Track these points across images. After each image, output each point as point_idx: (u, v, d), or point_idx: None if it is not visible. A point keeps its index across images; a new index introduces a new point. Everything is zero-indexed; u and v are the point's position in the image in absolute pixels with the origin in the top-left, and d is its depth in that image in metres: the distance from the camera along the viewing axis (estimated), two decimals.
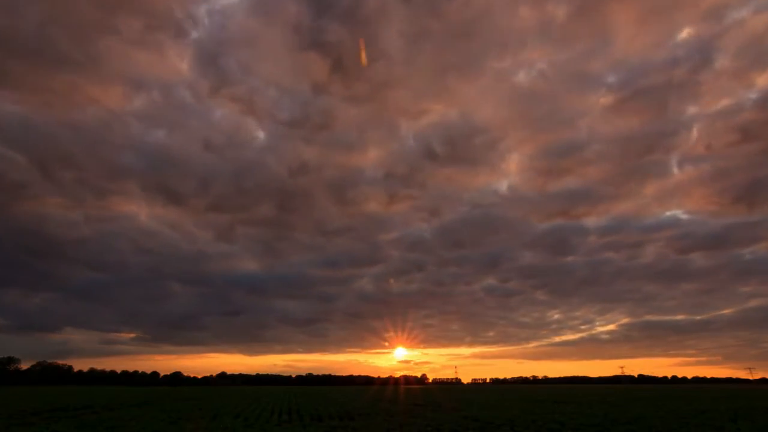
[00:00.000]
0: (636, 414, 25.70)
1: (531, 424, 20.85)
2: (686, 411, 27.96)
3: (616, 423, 21.13)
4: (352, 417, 24.40)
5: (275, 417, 24.80)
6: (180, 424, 20.87)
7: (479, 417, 24.12)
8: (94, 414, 26.61)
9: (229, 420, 22.90)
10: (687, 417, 23.90)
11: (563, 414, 26.14)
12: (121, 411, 29.09)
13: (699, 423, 21.02)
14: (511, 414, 26.16)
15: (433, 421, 22.29)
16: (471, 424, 20.91)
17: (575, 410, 28.96)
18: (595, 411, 28.10)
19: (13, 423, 21.44)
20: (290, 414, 26.67)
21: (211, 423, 21.59)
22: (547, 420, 22.49)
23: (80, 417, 24.51)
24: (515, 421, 22.12)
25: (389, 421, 22.37)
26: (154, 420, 22.92)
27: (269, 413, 27.32)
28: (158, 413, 27.18)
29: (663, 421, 21.93)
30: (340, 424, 20.78)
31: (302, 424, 20.87)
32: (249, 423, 21.60)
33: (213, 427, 20.03)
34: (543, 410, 29.23)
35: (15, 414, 26.12)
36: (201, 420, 23.01)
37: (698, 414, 25.76)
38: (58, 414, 26.21)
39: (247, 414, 26.63)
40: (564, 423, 21.16)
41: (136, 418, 24.14)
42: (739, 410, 28.32)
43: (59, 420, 22.67)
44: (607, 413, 26.32)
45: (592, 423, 21.20)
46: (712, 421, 21.92)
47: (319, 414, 26.35)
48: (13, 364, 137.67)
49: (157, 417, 24.58)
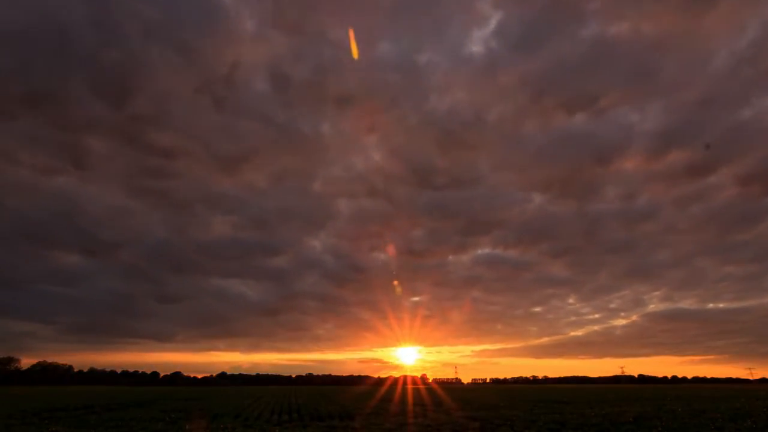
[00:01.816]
0: (636, 414, 25.70)
1: (531, 424, 20.86)
2: (686, 411, 27.97)
3: (616, 423, 21.13)
4: (352, 417, 24.41)
5: (275, 417, 24.80)
6: (180, 424, 20.86)
7: (479, 417, 24.12)
8: (94, 414, 26.61)
9: (229, 420, 22.89)
10: (687, 417, 23.90)
11: (563, 414, 26.15)
12: (121, 411, 29.09)
13: (699, 423, 21.02)
14: (512, 414, 26.16)
15: (434, 420, 22.30)
16: (471, 423, 20.91)
17: (575, 410, 28.96)
18: (595, 411, 28.10)
19: (13, 423, 21.43)
20: (290, 414, 26.67)
21: (211, 423, 21.59)
22: (548, 420, 22.49)
23: (80, 417, 24.50)
24: (515, 421, 22.12)
25: (389, 420, 22.37)
26: (154, 420, 22.91)
27: (269, 413, 27.32)
28: (158, 413, 27.19)
29: (663, 421, 21.92)
30: (340, 424, 20.78)
31: (302, 424, 20.87)
32: (249, 423, 21.59)
33: (213, 427, 20.02)
34: (543, 410, 29.24)
35: (15, 414, 26.12)
36: (201, 420, 23.01)
37: (698, 414, 25.76)
38: (58, 414, 26.21)
39: (247, 414, 26.63)
40: (564, 423, 21.16)
41: (136, 418, 24.13)
42: (739, 410, 28.32)
43: (59, 420, 22.66)
44: (607, 413, 26.32)
45: (592, 423, 21.20)
46: (712, 421, 21.91)
47: (319, 413, 26.35)
48: (13, 364, 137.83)
49: (157, 417, 24.58)
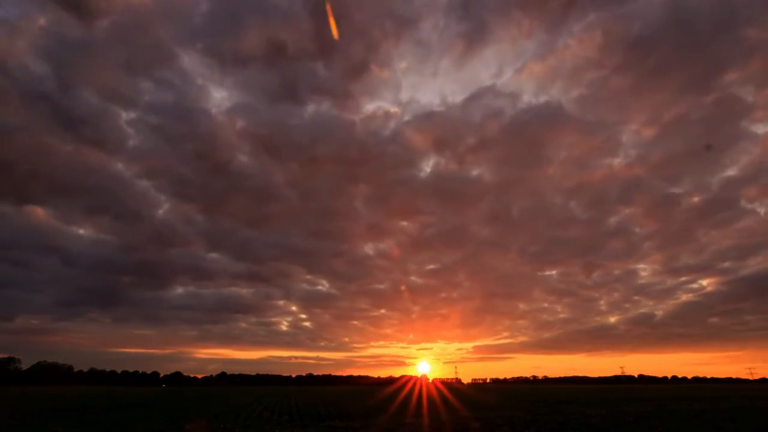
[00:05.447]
0: (636, 414, 25.68)
1: (531, 423, 20.85)
2: (686, 411, 27.96)
3: (617, 423, 21.12)
4: (352, 417, 24.39)
5: (275, 417, 24.78)
6: (180, 424, 20.86)
7: (480, 417, 24.11)
8: (94, 414, 26.61)
9: (229, 420, 22.88)
10: (687, 417, 23.89)
11: (564, 414, 26.13)
12: (121, 411, 29.10)
13: (699, 423, 21.01)
14: (512, 414, 26.15)
15: (434, 420, 22.29)
16: (472, 423, 20.90)
17: (576, 410, 28.94)
18: (595, 411, 28.08)
19: (13, 423, 21.43)
20: (290, 414, 26.65)
21: (211, 423, 21.58)
22: (548, 420, 22.48)
23: (80, 417, 24.50)
24: (516, 421, 22.11)
25: (389, 420, 22.36)
26: (154, 420, 22.91)
27: (269, 413, 27.30)
28: (158, 413, 27.18)
29: (663, 421, 21.91)
30: (340, 424, 20.77)
31: (302, 424, 20.86)
32: (249, 423, 21.58)
33: (213, 427, 20.02)
34: (544, 410, 29.22)
35: (15, 414, 26.12)
36: (201, 420, 23.01)
37: (698, 414, 25.75)
38: (58, 414, 26.21)
39: (247, 414, 26.62)
40: (565, 423, 21.15)
41: (136, 418, 24.13)
42: (739, 410, 28.31)
43: (59, 420, 22.66)
44: (608, 413, 26.31)
45: (593, 423, 21.19)
46: (712, 421, 21.91)
47: (319, 414, 26.33)
48: (13, 364, 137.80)
49: (157, 417, 24.58)
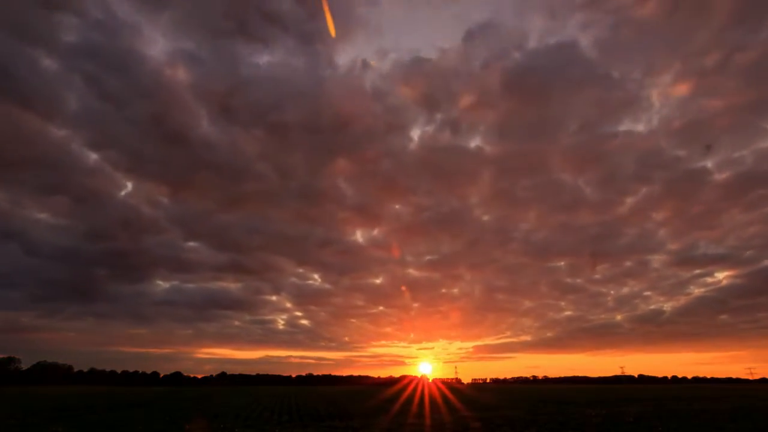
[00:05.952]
0: (636, 414, 25.69)
1: (532, 423, 20.85)
2: (686, 411, 27.96)
3: (617, 423, 21.12)
4: (352, 417, 24.39)
5: (275, 417, 24.78)
6: (180, 424, 20.86)
7: (480, 417, 24.12)
8: (94, 414, 26.61)
9: (229, 420, 22.89)
10: (687, 417, 23.90)
11: (564, 414, 26.13)
12: (121, 411, 29.10)
13: (699, 423, 21.02)
14: (512, 414, 26.15)
15: (434, 420, 22.29)
16: (472, 423, 20.91)
17: (576, 410, 28.94)
18: (595, 411, 28.08)
19: (13, 423, 21.43)
20: (290, 414, 26.65)
21: (211, 423, 21.58)
22: (548, 420, 22.49)
23: (80, 417, 24.50)
24: (516, 421, 22.12)
25: (390, 420, 22.37)
26: (154, 420, 22.91)
27: (269, 413, 27.30)
28: (158, 413, 27.18)
29: (663, 421, 21.92)
30: (340, 424, 20.78)
31: (302, 424, 20.86)
32: (249, 423, 21.58)
33: (213, 427, 20.02)
34: (544, 410, 29.22)
35: (15, 414, 26.11)
36: (201, 420, 23.01)
37: (698, 414, 25.76)
38: (58, 414, 26.21)
39: (247, 414, 26.62)
40: (565, 423, 21.16)
41: (136, 418, 24.14)
42: (739, 410, 28.32)
43: (59, 420, 22.66)
44: (608, 413, 26.31)
45: (593, 423, 21.19)
46: (712, 421, 21.91)
47: (319, 414, 26.34)
48: (13, 364, 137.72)
49: (157, 417, 24.58)
